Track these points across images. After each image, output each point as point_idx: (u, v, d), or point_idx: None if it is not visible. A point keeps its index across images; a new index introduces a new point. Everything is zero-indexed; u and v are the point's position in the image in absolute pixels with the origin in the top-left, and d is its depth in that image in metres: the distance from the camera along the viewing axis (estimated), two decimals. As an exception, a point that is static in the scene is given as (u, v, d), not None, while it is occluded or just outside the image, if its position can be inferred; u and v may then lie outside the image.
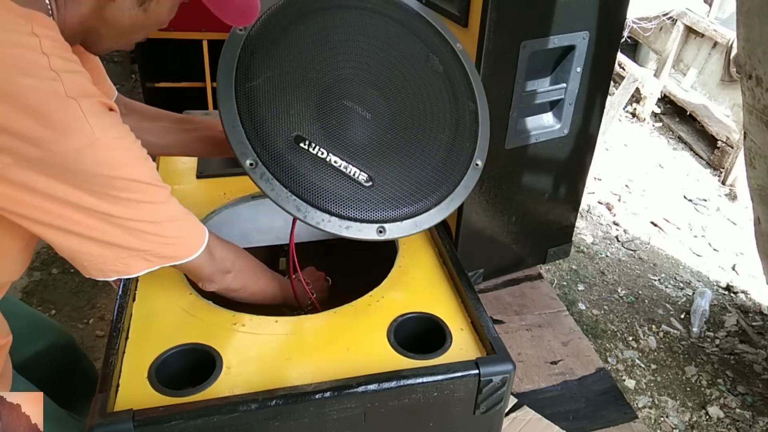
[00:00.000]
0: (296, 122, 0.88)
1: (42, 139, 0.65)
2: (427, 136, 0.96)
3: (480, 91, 1.05)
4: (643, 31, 4.23)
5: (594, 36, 1.29)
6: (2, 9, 0.66)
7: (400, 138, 0.94)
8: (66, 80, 0.67)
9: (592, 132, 1.45)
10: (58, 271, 2.50)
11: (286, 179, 0.85)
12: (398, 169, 0.92)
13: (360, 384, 0.78)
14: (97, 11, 0.78)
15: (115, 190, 0.72)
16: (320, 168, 0.87)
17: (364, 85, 0.95)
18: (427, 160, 0.95)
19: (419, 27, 1.04)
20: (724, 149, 3.63)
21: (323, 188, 0.87)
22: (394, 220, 0.90)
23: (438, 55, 1.02)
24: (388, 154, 0.92)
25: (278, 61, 0.91)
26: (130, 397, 0.78)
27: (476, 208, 1.40)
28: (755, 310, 2.64)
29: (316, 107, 0.90)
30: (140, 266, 0.80)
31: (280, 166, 0.85)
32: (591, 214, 3.24)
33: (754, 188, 1.97)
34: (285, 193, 0.85)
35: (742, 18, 1.68)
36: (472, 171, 0.98)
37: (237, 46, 0.91)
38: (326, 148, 0.88)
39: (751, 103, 1.76)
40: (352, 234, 0.87)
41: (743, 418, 2.13)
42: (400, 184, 0.91)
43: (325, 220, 0.85)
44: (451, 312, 0.94)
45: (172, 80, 3.31)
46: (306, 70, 0.91)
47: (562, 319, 1.48)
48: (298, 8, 0.97)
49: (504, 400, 0.85)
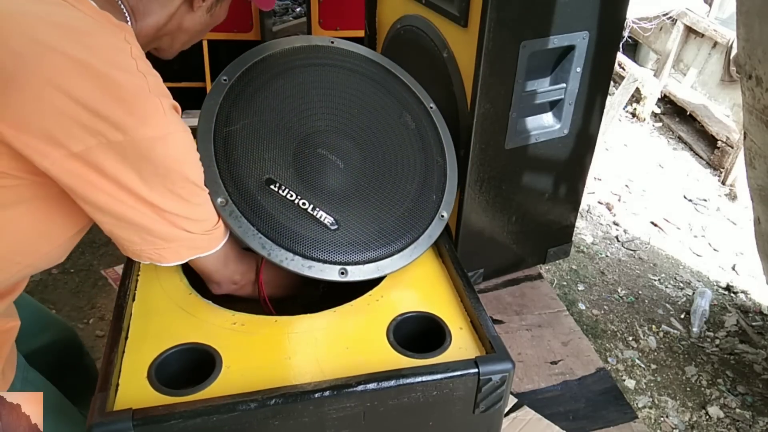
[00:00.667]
0: (269, 166, 0.95)
1: (126, 126, 0.74)
2: (396, 187, 1.03)
3: (450, 148, 1.14)
4: (643, 31, 4.23)
5: (594, 36, 1.29)
6: (104, 20, 0.78)
7: (370, 186, 1.01)
8: (150, 80, 0.77)
9: (592, 132, 1.45)
10: (58, 271, 2.51)
11: (254, 218, 0.91)
12: (365, 215, 0.98)
13: (359, 383, 0.78)
14: (173, 21, 0.91)
15: (170, 183, 0.80)
16: (288, 209, 0.94)
17: (339, 137, 1.02)
18: (394, 209, 1.01)
19: (395, 86, 1.13)
20: (724, 149, 3.64)
21: (289, 228, 0.93)
22: (356, 263, 0.95)
23: (410, 113, 1.11)
24: (356, 200, 0.99)
25: (258, 110, 0.99)
26: (130, 396, 0.78)
27: (476, 208, 1.40)
28: (755, 310, 2.65)
29: (291, 154, 0.97)
30: (172, 258, 0.87)
31: (249, 205, 0.92)
32: (591, 214, 3.24)
33: (754, 188, 1.97)
34: (252, 231, 0.91)
35: (742, 18, 1.68)
36: (437, 221, 1.05)
37: (220, 94, 0.99)
38: (296, 191, 0.95)
39: (751, 103, 1.76)
40: (314, 274, 0.92)
41: (743, 418, 2.14)
42: (365, 230, 0.98)
43: (288, 259, 0.91)
44: (451, 311, 0.94)
45: (172, 80, 3.29)
46: (283, 119, 0.99)
47: (562, 319, 1.48)
48: (279, 63, 1.06)
49: (503, 399, 0.85)
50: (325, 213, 0.95)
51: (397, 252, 1.00)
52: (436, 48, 1.35)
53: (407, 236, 1.02)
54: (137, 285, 0.97)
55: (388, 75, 1.15)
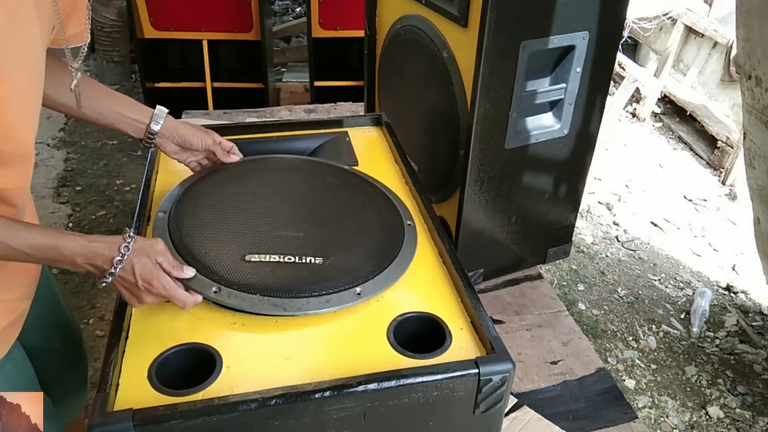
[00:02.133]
0: (241, 248, 0.97)
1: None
2: (357, 226, 1.08)
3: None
4: (643, 31, 4.23)
5: (594, 36, 1.29)
6: None
7: (337, 233, 1.05)
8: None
9: (592, 132, 1.45)
10: (58, 271, 2.50)
11: (252, 288, 0.90)
12: (345, 245, 1.01)
13: (360, 383, 0.78)
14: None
15: None
16: (278, 268, 0.94)
17: (296, 222, 1.05)
18: (368, 235, 1.05)
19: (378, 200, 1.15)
20: (724, 149, 3.64)
21: (288, 279, 0.93)
22: (366, 279, 0.96)
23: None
24: (330, 242, 1.01)
25: (219, 209, 1.05)
26: (130, 396, 0.78)
27: (476, 208, 1.40)
28: (755, 310, 2.65)
29: (254, 239, 0.99)
30: None
31: (240, 281, 0.91)
32: (591, 214, 3.24)
33: (754, 188, 1.97)
34: (257, 299, 0.90)
35: (742, 18, 1.68)
36: (408, 229, 1.09)
37: (172, 200, 1.06)
38: (276, 252, 0.97)
39: (750, 103, 1.76)
40: (335, 306, 0.91)
41: (743, 418, 2.14)
42: (354, 253, 1.00)
43: (305, 304, 0.90)
44: (451, 311, 0.94)
45: (172, 80, 3.31)
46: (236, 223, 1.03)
47: (562, 319, 1.48)
48: (229, 169, 1.16)
49: (504, 399, 0.85)
50: (310, 257, 0.97)
51: (395, 258, 1.02)
52: (436, 48, 1.35)
53: (394, 246, 1.04)
54: (137, 285, 0.97)
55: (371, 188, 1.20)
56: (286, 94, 3.67)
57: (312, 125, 1.43)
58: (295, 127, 1.42)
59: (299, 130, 1.41)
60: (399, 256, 1.02)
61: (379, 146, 1.39)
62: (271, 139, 1.38)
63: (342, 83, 3.25)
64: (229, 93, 3.27)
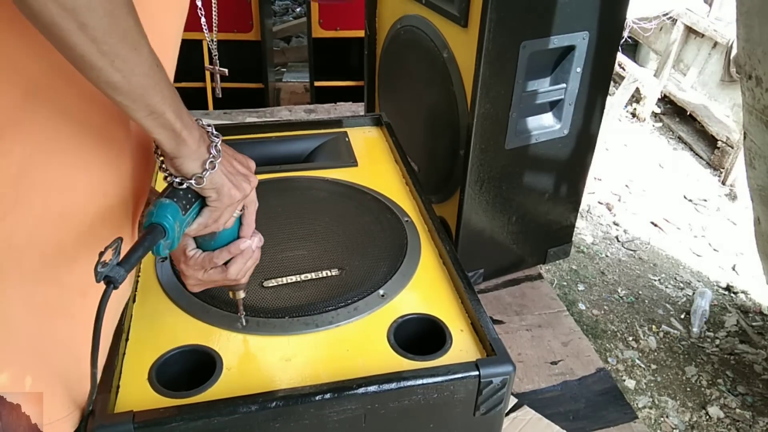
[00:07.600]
0: (255, 276, 0.93)
1: None
2: (358, 233, 1.08)
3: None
4: (643, 31, 4.23)
5: (594, 36, 1.29)
6: None
7: (341, 248, 1.05)
8: None
9: (592, 132, 1.45)
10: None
11: (279, 312, 0.91)
12: (353, 254, 1.03)
13: (360, 385, 0.78)
14: None
15: None
16: (297, 288, 0.96)
17: (299, 240, 1.07)
18: (371, 238, 1.06)
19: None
20: (724, 149, 3.63)
21: (311, 296, 0.94)
22: (386, 280, 0.97)
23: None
24: (337, 255, 1.03)
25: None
26: (131, 398, 0.78)
27: (476, 208, 1.40)
28: (755, 310, 2.65)
29: (265, 264, 0.97)
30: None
31: (266, 309, 0.92)
32: (591, 214, 3.24)
33: (754, 188, 1.97)
34: (287, 322, 0.90)
35: (742, 18, 1.68)
36: (408, 225, 1.11)
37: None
38: (291, 273, 0.98)
39: (751, 103, 1.76)
40: (363, 313, 0.92)
41: (743, 418, 2.14)
42: (366, 258, 1.02)
43: (335, 317, 0.91)
44: (451, 313, 0.94)
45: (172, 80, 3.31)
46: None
47: (562, 320, 1.48)
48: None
49: (504, 401, 0.85)
50: (326, 271, 0.99)
51: (405, 255, 1.04)
52: (436, 48, 1.35)
53: (400, 244, 1.06)
54: (138, 287, 0.96)
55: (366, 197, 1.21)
56: (286, 94, 3.67)
57: (312, 125, 1.43)
58: (295, 127, 1.42)
59: (299, 130, 1.41)
60: (408, 252, 1.04)
61: (379, 146, 1.39)
62: (271, 139, 1.38)
63: (342, 83, 3.25)
64: (229, 93, 3.26)
